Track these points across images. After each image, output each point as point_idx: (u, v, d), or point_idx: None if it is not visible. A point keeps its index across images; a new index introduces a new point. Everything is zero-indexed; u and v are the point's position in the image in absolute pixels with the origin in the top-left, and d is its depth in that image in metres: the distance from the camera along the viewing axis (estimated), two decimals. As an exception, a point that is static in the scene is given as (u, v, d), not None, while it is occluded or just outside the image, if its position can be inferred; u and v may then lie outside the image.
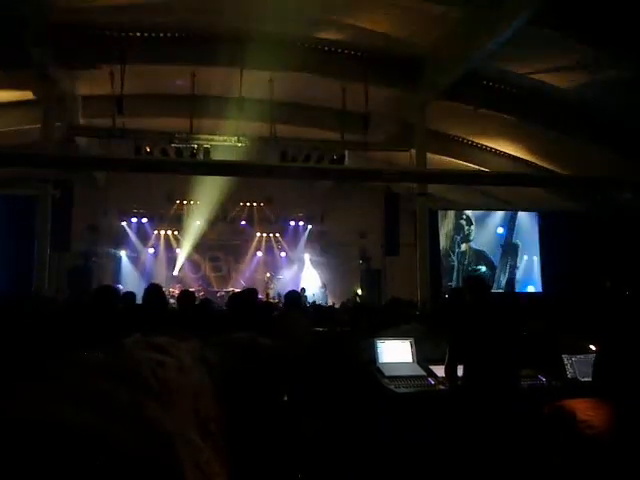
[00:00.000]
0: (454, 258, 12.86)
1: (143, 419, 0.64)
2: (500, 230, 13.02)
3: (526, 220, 13.13)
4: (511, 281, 12.84)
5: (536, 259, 13.03)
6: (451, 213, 13.19)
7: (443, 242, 12.76)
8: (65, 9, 11.51)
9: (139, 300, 6.04)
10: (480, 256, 13.08)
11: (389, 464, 4.05)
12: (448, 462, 3.91)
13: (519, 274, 12.93)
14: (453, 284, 13.25)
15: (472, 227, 12.96)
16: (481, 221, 12.88)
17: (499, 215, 12.93)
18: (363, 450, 3.84)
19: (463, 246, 12.90)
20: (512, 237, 13.15)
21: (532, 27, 10.42)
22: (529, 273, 12.92)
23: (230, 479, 0.87)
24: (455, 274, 12.81)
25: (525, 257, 13.02)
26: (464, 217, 12.84)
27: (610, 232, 15.08)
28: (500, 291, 13.03)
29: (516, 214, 13.51)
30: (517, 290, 12.79)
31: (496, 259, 13.29)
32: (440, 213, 14.12)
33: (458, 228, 12.96)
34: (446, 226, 12.89)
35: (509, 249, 13.03)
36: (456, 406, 4.23)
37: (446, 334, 4.59)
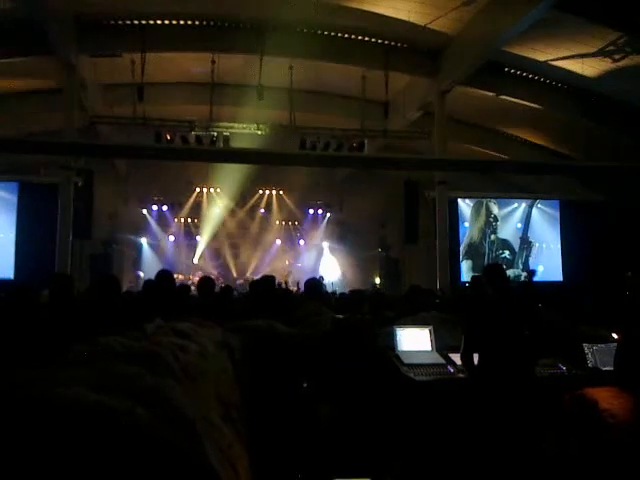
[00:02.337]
0: (485, 246, 16.04)
1: (166, 402, 0.65)
2: (519, 225, 16.20)
3: (538, 216, 16.37)
4: (526, 263, 16.16)
5: (545, 246, 16.22)
6: (483, 212, 16.20)
7: (476, 235, 15.98)
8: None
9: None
10: (505, 244, 16.21)
11: (407, 451, 4.06)
12: (466, 450, 3.91)
13: (532, 258, 16.21)
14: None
15: (498, 223, 16.12)
16: (505, 218, 16.14)
17: (518, 213, 16.23)
18: (381, 437, 3.85)
19: (492, 237, 16.09)
20: (527, 230, 16.28)
21: (555, 14, 10.27)
22: (539, 256, 16.17)
23: (251, 462, 0.88)
24: (486, 258, 15.99)
25: (537, 244, 16.20)
26: (492, 216, 16.10)
27: (632, 221, 14.92)
28: (518, 272, 16.04)
29: (531, 212, 16.40)
30: (529, 268, 15.90)
31: (516, 247, 16.33)
32: (471, 209, 16.33)
33: (488, 223, 16.15)
34: (479, 222, 16.03)
35: (525, 239, 16.24)
36: (472, 394, 4.22)
37: (465, 322, 4.58)
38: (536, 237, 16.40)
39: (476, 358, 4.31)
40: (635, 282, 13.04)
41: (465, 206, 16.22)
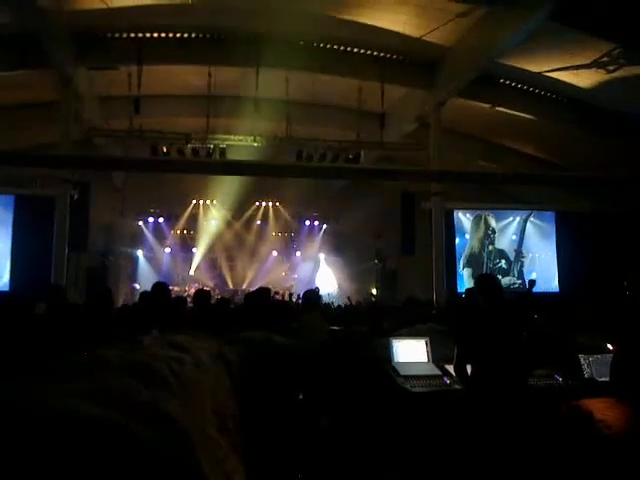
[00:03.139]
0: (484, 256, 17.10)
1: (161, 415, 0.65)
2: (514, 237, 17.35)
3: (532, 229, 17.50)
4: (521, 272, 17.26)
5: (538, 256, 17.35)
6: (481, 224, 17.25)
7: (476, 246, 17.06)
8: (83, 11, 11.61)
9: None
10: (502, 254, 17.24)
11: (404, 463, 4.04)
12: (463, 460, 3.90)
13: (525, 266, 17.38)
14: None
15: (495, 235, 17.22)
16: (502, 230, 17.30)
17: (513, 226, 17.40)
18: (378, 449, 3.84)
19: (490, 247, 17.18)
20: (522, 242, 17.39)
21: (550, 25, 10.33)
22: (533, 265, 17.32)
23: (247, 474, 0.88)
24: (484, 267, 17.01)
25: (530, 255, 17.33)
26: (490, 228, 17.23)
27: (628, 231, 14.95)
28: (514, 280, 17.10)
29: (525, 226, 17.41)
30: (523, 277, 17.06)
31: (512, 257, 17.34)
32: (471, 222, 17.19)
33: (486, 235, 17.21)
34: (478, 234, 17.12)
35: (520, 250, 17.34)
36: (467, 404, 4.21)
37: (457, 333, 4.58)
38: (530, 248, 17.39)
39: (469, 369, 4.31)
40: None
41: (465, 219, 17.08)
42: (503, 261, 17.20)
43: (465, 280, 16.52)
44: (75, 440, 0.52)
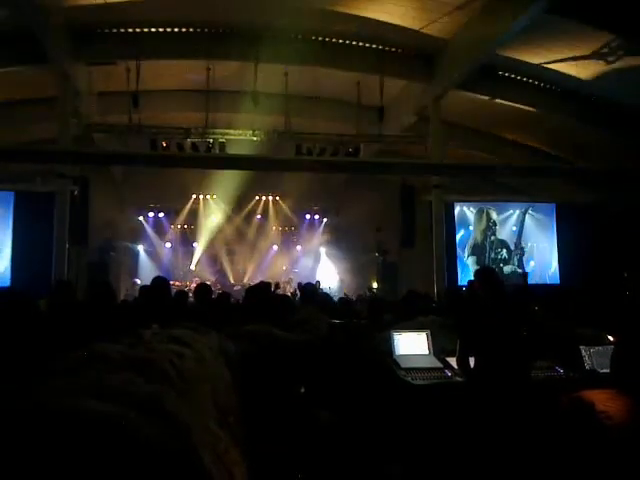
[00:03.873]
0: (487, 245, 17.75)
1: (162, 409, 0.65)
2: (514, 228, 17.95)
3: (530, 222, 18.07)
4: (520, 260, 17.85)
5: (536, 246, 17.96)
6: (484, 217, 17.83)
7: (479, 237, 17.72)
8: (81, 6, 11.58)
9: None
10: (503, 244, 17.84)
11: (405, 455, 4.05)
12: (464, 453, 3.90)
13: (525, 256, 17.98)
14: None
15: (497, 227, 17.90)
16: (502, 222, 17.94)
17: (513, 218, 18.00)
18: (379, 441, 3.85)
19: (492, 238, 17.81)
20: (521, 233, 17.97)
21: (549, 17, 10.30)
22: (531, 254, 17.91)
23: (248, 467, 0.88)
24: (487, 255, 17.67)
25: (530, 244, 17.91)
26: (492, 221, 17.90)
27: (628, 223, 14.95)
28: (514, 268, 17.64)
29: (524, 218, 17.96)
30: (523, 265, 17.66)
31: (512, 247, 17.90)
32: (474, 215, 17.71)
33: (488, 227, 17.83)
34: (481, 225, 17.74)
35: (519, 241, 17.92)
36: (469, 397, 4.22)
37: (460, 326, 4.58)
38: (530, 239, 17.98)
39: (472, 361, 4.31)
40: (634, 281, 13.11)
41: (469, 213, 17.69)
42: (504, 251, 17.75)
43: (470, 268, 16.89)
44: (74, 436, 0.52)
